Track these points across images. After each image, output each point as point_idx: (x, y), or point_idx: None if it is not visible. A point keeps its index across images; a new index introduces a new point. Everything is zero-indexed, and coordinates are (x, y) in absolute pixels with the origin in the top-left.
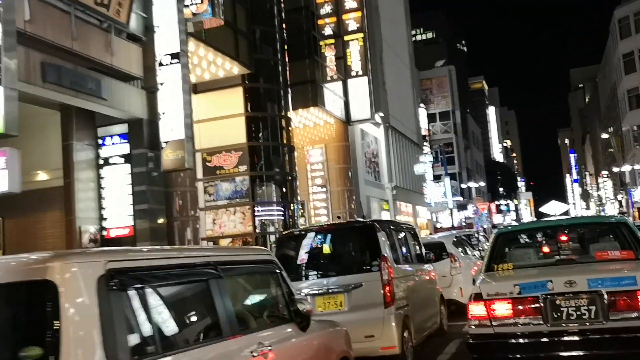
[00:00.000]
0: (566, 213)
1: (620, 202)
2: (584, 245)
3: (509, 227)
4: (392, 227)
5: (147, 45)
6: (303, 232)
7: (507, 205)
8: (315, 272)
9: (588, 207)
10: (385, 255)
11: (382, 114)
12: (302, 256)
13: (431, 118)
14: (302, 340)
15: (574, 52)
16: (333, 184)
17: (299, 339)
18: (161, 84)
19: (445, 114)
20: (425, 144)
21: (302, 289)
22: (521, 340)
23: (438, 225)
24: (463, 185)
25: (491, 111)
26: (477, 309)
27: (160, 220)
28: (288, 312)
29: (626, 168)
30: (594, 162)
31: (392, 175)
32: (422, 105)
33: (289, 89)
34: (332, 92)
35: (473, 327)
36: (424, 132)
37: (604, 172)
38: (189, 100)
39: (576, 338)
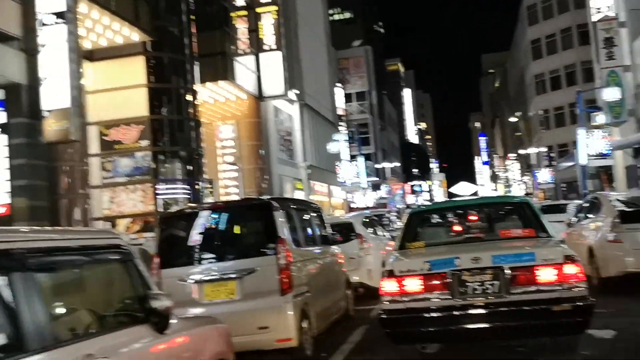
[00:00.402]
0: (475, 194)
1: (525, 183)
2: (490, 224)
3: (422, 207)
4: (292, 205)
5: (27, 2)
6: (190, 212)
7: (420, 186)
8: (204, 257)
9: (496, 189)
10: (283, 237)
11: (296, 91)
12: (189, 238)
13: (348, 98)
14: (157, 344)
15: (487, 38)
16: (245, 162)
17: (153, 343)
18: (43, 45)
19: (361, 94)
20: (341, 123)
21: (189, 276)
22: (430, 315)
23: (353, 206)
24: (378, 166)
25: (407, 93)
26: (389, 285)
27: (43, 198)
28: (143, 310)
29: (532, 150)
30: (503, 145)
31: (306, 154)
32: (338, 84)
33: (197, 61)
34: (244, 66)
35: (386, 302)
36: (340, 111)
37: (512, 155)
38: (76, 65)
39: (480, 311)
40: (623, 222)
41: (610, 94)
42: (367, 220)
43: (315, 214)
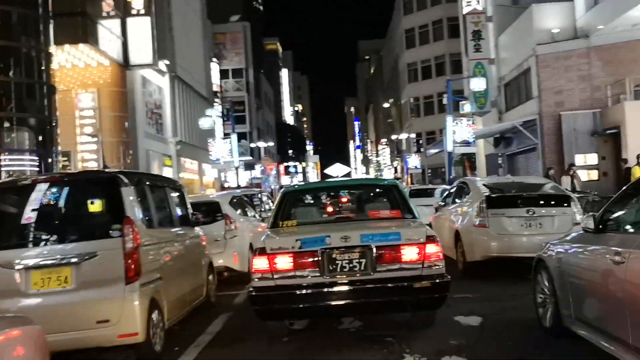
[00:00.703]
0: (348, 175)
1: (395, 168)
2: (361, 205)
3: (295, 186)
4: (146, 181)
5: None
6: (23, 184)
7: (295, 167)
8: (36, 238)
9: (368, 172)
10: (131, 216)
11: (167, 62)
12: (19, 216)
13: (224, 74)
14: None
15: (364, 25)
16: (106, 134)
17: None
18: None
19: (238, 71)
20: (216, 100)
21: (16, 261)
22: (300, 292)
23: (226, 185)
24: (253, 145)
25: (284, 74)
26: (260, 263)
27: None
28: None
29: (403, 136)
30: (375, 130)
31: (177, 130)
32: (214, 59)
33: (52, 20)
34: (108, 30)
35: (256, 280)
36: (215, 87)
37: (383, 140)
38: None
39: (348, 288)
40: (489, 207)
41: (477, 84)
42: (236, 200)
43: (174, 192)
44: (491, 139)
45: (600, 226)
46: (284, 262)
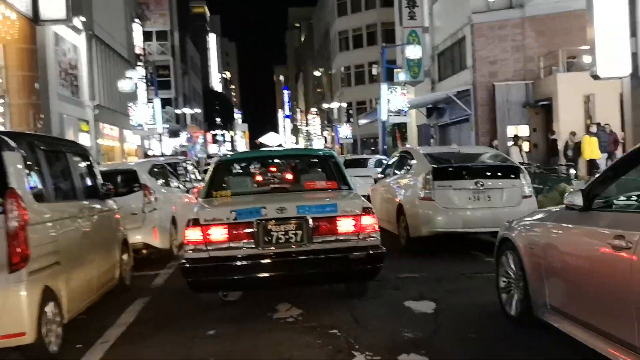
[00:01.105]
0: (281, 145)
1: (325, 138)
2: (296, 175)
3: (229, 156)
4: (39, 145)
5: None
6: None
7: (223, 135)
8: None
9: (297, 142)
10: (16, 188)
11: (83, 19)
12: None
13: (147, 36)
14: None
15: None
16: (14, 96)
17: None
18: None
19: (162, 34)
20: (139, 63)
21: None
22: (234, 263)
23: (150, 153)
24: (178, 111)
25: (212, 39)
26: (193, 234)
27: None
28: None
29: (335, 105)
30: (305, 99)
31: (95, 93)
32: (136, 20)
33: None
34: None
35: (189, 252)
36: (138, 50)
37: (314, 109)
38: None
39: (284, 259)
40: (435, 179)
41: (413, 52)
42: (157, 169)
43: (79, 159)
44: (424, 109)
45: (587, 203)
46: (219, 233)
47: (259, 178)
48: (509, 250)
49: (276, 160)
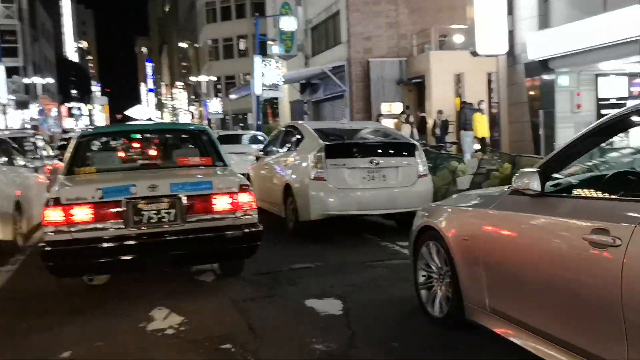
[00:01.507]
0: (150, 119)
1: (192, 113)
2: (168, 151)
3: (94, 130)
4: None
5: None
6: None
7: (80, 109)
8: None
9: (162, 117)
10: None
11: None
12: None
13: None
14: None
15: None
16: None
17: None
18: None
19: None
20: None
21: None
22: (101, 245)
23: None
24: (27, 81)
25: (66, 5)
26: (53, 215)
27: None
28: None
29: (203, 79)
30: (170, 73)
31: None
32: None
33: None
34: None
35: (49, 234)
36: None
37: (179, 83)
38: None
39: (156, 240)
40: (328, 156)
41: (288, 23)
42: None
43: None
44: (297, 85)
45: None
46: (83, 213)
47: (127, 154)
48: (432, 240)
49: (146, 135)
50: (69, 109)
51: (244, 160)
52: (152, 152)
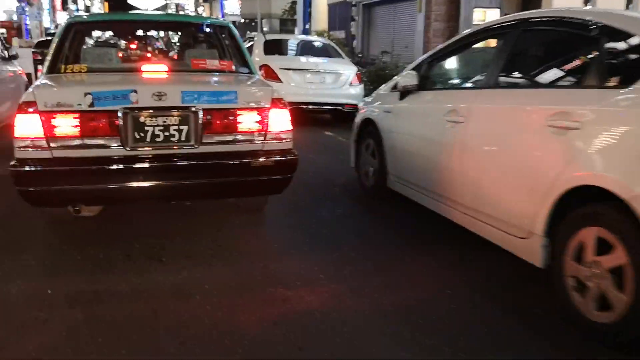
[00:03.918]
0: (163, 8)
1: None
2: (181, 51)
3: (86, 16)
4: None
5: None
6: None
7: (75, 1)
8: None
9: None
10: None
11: None
12: None
13: None
14: None
15: None
16: None
17: None
18: None
19: None
20: None
21: None
22: (91, 167)
23: None
24: None
25: None
26: (28, 124)
27: None
28: None
29: None
30: None
31: None
32: None
33: None
34: None
35: (23, 149)
36: None
37: None
38: None
39: (162, 164)
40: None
41: None
42: None
43: None
44: None
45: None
46: (67, 124)
47: (128, 50)
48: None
49: (152, 28)
50: (63, 1)
51: (307, 81)
52: (161, 50)
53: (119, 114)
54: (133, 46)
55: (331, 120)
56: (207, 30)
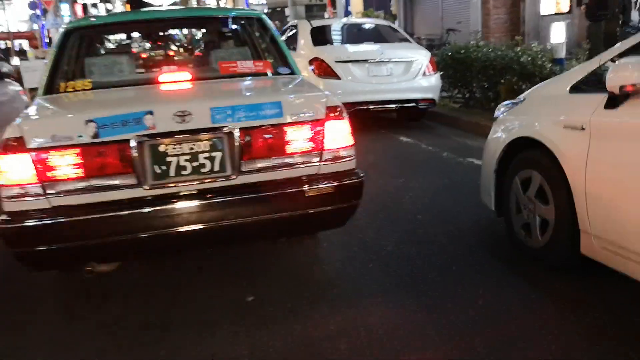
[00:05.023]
0: (184, 2)
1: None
2: (206, 53)
3: (83, 20)
4: None
5: None
6: None
7: (95, 5)
8: None
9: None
10: None
11: None
12: None
13: None
14: None
15: None
16: None
17: None
18: None
19: None
20: None
21: None
22: (99, 216)
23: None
24: None
25: None
26: (16, 168)
27: None
28: None
29: None
30: None
31: None
32: None
33: None
34: None
35: (10, 199)
36: None
37: None
38: None
39: (193, 203)
40: None
41: None
42: None
43: None
44: None
45: None
46: (67, 163)
47: (140, 58)
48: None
49: (167, 28)
50: (84, 5)
51: (371, 74)
52: (180, 54)
53: (132, 144)
54: (147, 51)
55: (398, 120)
56: (235, 23)
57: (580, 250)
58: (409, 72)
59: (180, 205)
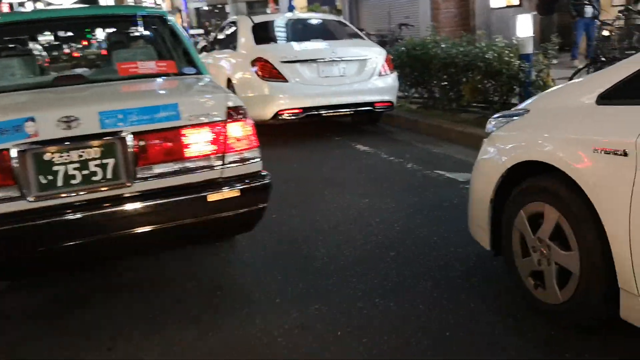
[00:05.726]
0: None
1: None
2: (105, 53)
3: None
4: None
5: None
6: None
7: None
8: None
9: None
10: None
11: None
12: None
13: None
14: None
15: None
16: None
17: None
18: None
19: None
20: None
21: None
22: None
23: None
24: None
25: None
26: None
27: None
28: None
29: None
30: None
31: None
32: None
33: None
34: None
35: None
36: None
37: None
38: None
39: (83, 215)
40: None
41: None
42: None
43: None
44: None
45: None
46: None
47: (33, 60)
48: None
49: (65, 27)
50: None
51: (322, 76)
52: (77, 55)
53: (12, 154)
54: (42, 52)
55: (353, 124)
56: (138, 23)
57: (620, 314)
58: (363, 72)
59: (71, 216)
